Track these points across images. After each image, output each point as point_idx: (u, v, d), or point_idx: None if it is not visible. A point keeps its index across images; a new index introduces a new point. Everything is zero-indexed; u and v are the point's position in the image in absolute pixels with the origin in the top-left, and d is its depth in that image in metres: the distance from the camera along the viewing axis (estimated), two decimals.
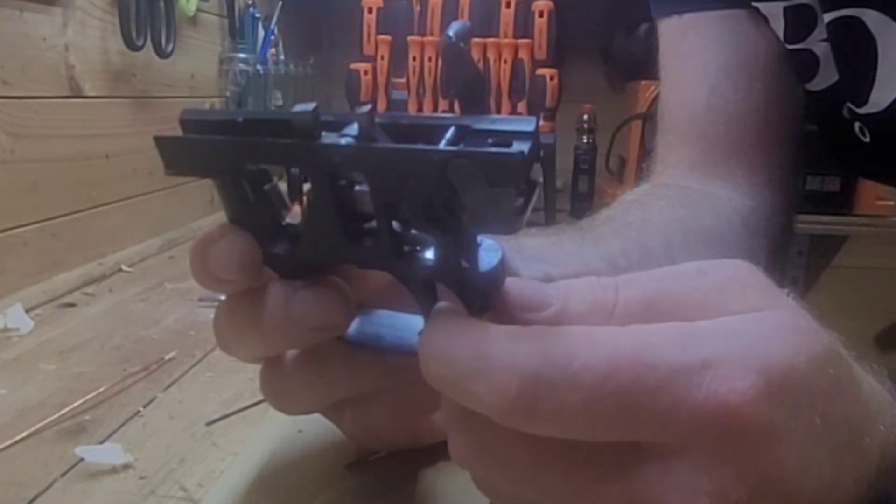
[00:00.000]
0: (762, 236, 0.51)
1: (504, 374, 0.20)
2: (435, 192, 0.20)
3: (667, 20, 0.57)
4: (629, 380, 0.20)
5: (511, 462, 0.22)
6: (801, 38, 0.51)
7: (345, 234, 0.24)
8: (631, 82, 1.34)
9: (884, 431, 0.23)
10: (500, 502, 0.25)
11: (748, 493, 0.20)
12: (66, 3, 0.75)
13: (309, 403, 0.30)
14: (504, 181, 0.19)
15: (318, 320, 0.26)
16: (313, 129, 0.22)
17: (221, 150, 0.24)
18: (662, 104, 0.58)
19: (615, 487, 0.21)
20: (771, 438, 0.20)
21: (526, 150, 0.19)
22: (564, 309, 0.22)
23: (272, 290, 0.26)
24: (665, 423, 0.20)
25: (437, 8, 1.30)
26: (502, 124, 0.21)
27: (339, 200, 0.23)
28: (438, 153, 0.20)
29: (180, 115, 0.25)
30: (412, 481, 0.34)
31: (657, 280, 0.23)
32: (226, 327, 0.28)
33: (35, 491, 0.35)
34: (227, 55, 1.13)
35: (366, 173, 0.22)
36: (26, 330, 0.59)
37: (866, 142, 0.52)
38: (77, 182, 0.78)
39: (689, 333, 0.21)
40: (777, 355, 0.20)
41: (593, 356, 0.20)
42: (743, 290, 0.22)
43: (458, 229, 0.21)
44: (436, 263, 0.22)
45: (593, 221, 0.46)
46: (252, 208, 0.25)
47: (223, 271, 0.25)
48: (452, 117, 0.22)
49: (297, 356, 0.29)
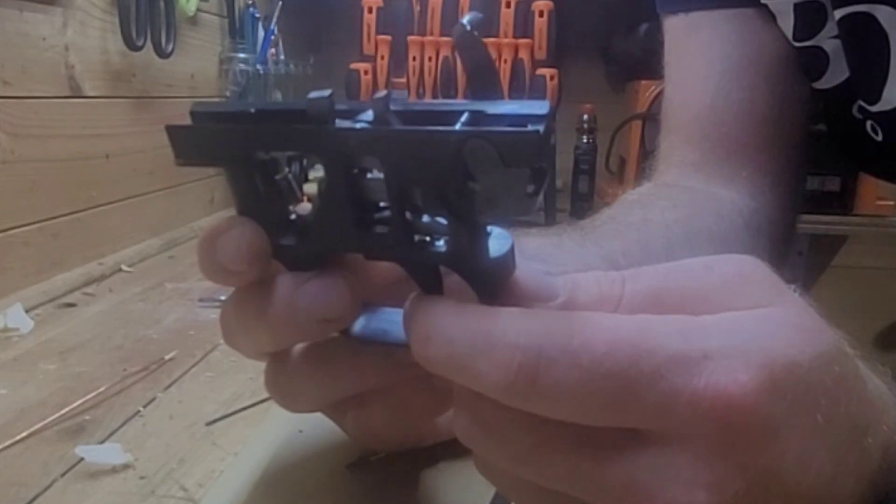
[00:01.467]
0: (764, 237, 0.51)
1: (506, 351, 0.20)
2: (450, 174, 0.21)
3: (672, 18, 0.57)
4: (627, 363, 0.20)
5: (513, 441, 0.22)
6: (810, 36, 0.51)
7: (356, 222, 0.24)
8: (631, 82, 1.34)
9: (887, 431, 0.23)
10: (501, 485, 0.25)
11: (747, 487, 0.20)
12: (66, 3, 0.75)
13: (314, 400, 0.30)
14: (519, 161, 0.20)
15: (325, 311, 0.25)
16: (328, 115, 0.22)
17: (234, 137, 0.24)
18: (666, 103, 0.58)
19: (615, 472, 0.21)
20: (771, 433, 0.20)
21: (541, 130, 0.20)
22: (571, 300, 0.22)
23: (279, 281, 0.26)
24: (663, 409, 0.20)
25: (437, 8, 1.30)
26: (516, 108, 0.21)
27: (352, 188, 0.23)
28: (454, 134, 0.20)
29: (190, 108, 0.25)
30: (413, 482, 0.34)
31: (663, 274, 0.23)
32: (232, 320, 0.28)
33: (35, 491, 0.35)
34: (227, 55, 1.13)
35: (381, 157, 0.22)
36: (26, 330, 0.59)
37: (879, 140, 0.52)
38: (77, 182, 0.78)
39: (691, 324, 0.21)
40: (781, 351, 0.20)
41: (594, 336, 0.20)
42: (749, 285, 0.22)
43: (471, 213, 0.21)
44: (447, 250, 0.23)
45: (594, 221, 0.46)
46: (262, 199, 0.25)
47: (232, 262, 0.25)
48: (466, 103, 0.22)
49: (302, 352, 0.29)
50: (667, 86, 0.58)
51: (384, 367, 0.28)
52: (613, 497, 0.21)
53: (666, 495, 0.20)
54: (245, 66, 1.13)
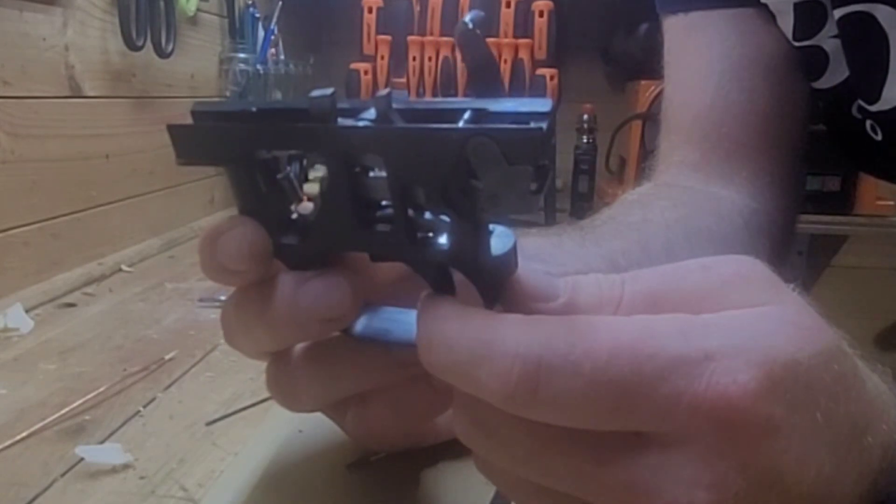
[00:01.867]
0: (764, 237, 0.51)
1: (506, 360, 0.20)
2: (453, 172, 0.21)
3: (672, 18, 0.57)
4: (630, 368, 0.20)
5: (514, 443, 0.22)
6: (810, 35, 0.51)
7: (358, 221, 0.24)
8: (631, 82, 1.34)
9: (886, 431, 0.23)
10: (501, 484, 0.25)
11: (747, 486, 0.20)
12: (66, 3, 0.75)
13: (315, 399, 0.30)
14: (523, 159, 0.20)
15: (327, 310, 0.25)
16: (330, 114, 0.22)
17: (236, 136, 0.24)
18: (666, 103, 0.58)
19: (616, 473, 0.21)
20: (771, 432, 0.20)
21: (545, 127, 0.20)
22: (572, 301, 0.22)
23: (281, 281, 0.26)
24: (665, 413, 0.20)
25: (437, 8, 1.30)
26: (518, 105, 0.21)
27: (354, 186, 0.23)
28: (457, 131, 0.20)
29: (191, 107, 0.25)
30: (413, 482, 0.34)
31: (662, 276, 0.23)
32: (233, 320, 0.28)
33: (35, 491, 0.35)
34: (227, 55, 1.13)
35: (384, 155, 0.22)
36: (26, 330, 0.59)
37: (878, 140, 0.52)
38: (77, 182, 0.78)
39: (691, 325, 0.21)
40: (780, 350, 0.20)
41: (595, 343, 0.20)
42: (748, 285, 0.22)
43: (473, 211, 0.21)
44: (450, 248, 0.23)
45: (594, 221, 0.46)
46: (263, 198, 0.25)
47: (233, 262, 0.25)
48: (468, 101, 0.22)
49: (303, 351, 0.29)
50: (666, 86, 0.58)
51: (385, 366, 0.28)
52: (614, 497, 0.21)
53: (667, 495, 0.20)
54: (245, 66, 1.13)
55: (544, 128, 0.20)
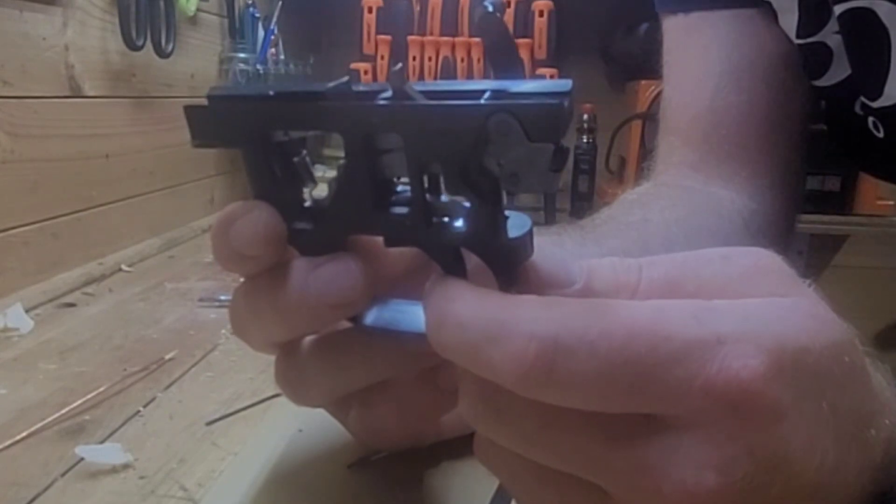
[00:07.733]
0: (764, 238, 0.51)
1: (521, 341, 0.20)
2: (473, 150, 0.20)
3: (672, 18, 0.57)
4: (645, 350, 0.20)
5: (521, 421, 0.22)
6: (815, 31, 0.50)
7: (374, 203, 0.23)
8: (631, 82, 1.34)
9: (889, 426, 0.23)
10: (501, 472, 0.25)
11: (754, 470, 0.20)
12: (66, 3, 0.75)
13: (323, 392, 0.30)
14: (544, 135, 0.20)
15: (338, 295, 0.25)
16: (348, 94, 0.22)
17: (253, 116, 0.24)
18: (665, 103, 0.58)
19: (625, 454, 0.21)
20: (779, 416, 0.20)
21: (566, 104, 0.20)
22: (588, 286, 0.22)
23: (293, 266, 0.25)
24: (678, 395, 0.20)
25: (437, 8, 1.30)
26: (538, 86, 0.21)
27: (372, 167, 0.23)
28: (479, 108, 0.20)
29: (207, 92, 0.25)
30: (414, 481, 0.34)
31: (681, 263, 0.23)
32: (243, 309, 0.28)
33: (35, 491, 0.35)
34: (227, 55, 1.13)
35: (404, 133, 0.21)
36: (26, 330, 0.59)
37: (880, 137, 0.52)
38: (77, 182, 0.78)
39: (705, 309, 0.21)
40: (791, 337, 0.20)
41: (611, 325, 0.20)
42: (766, 277, 0.22)
43: (492, 191, 0.21)
44: (467, 230, 0.22)
45: (594, 221, 0.46)
46: (278, 182, 0.25)
47: (249, 247, 0.25)
48: (488, 82, 0.22)
49: (312, 343, 0.29)
50: (665, 86, 0.58)
51: (395, 358, 0.28)
52: (623, 478, 0.21)
53: (675, 476, 0.20)
54: (245, 66, 1.13)
55: (565, 104, 0.20)
